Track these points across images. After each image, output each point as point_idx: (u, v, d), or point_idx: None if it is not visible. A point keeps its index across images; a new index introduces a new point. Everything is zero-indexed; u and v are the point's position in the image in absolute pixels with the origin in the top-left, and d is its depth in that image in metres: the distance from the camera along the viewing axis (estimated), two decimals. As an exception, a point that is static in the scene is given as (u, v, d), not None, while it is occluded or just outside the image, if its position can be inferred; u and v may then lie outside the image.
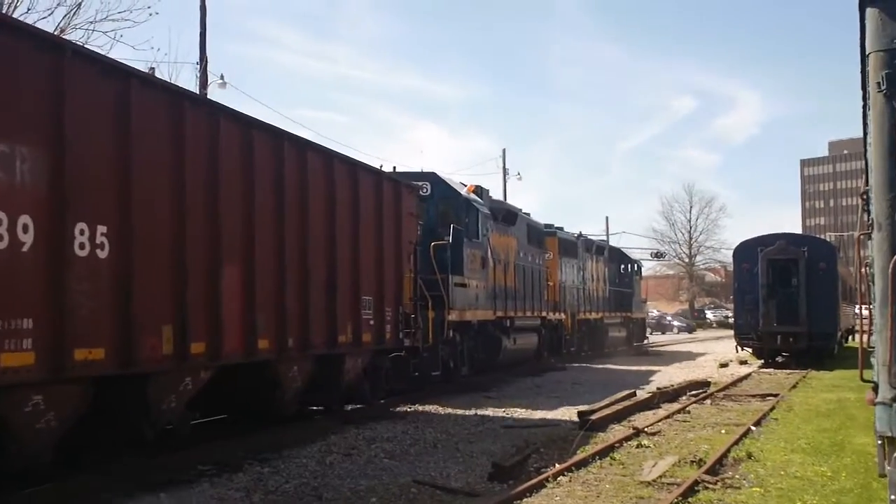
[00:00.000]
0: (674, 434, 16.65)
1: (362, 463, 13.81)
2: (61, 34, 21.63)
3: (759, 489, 11.84)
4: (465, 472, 13.10)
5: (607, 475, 12.64)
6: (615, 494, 11.52)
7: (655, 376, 31.50)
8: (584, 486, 12.01)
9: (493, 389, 24.54)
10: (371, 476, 12.82)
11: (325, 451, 14.58)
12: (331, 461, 13.84)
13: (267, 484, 12.13)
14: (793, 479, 12.55)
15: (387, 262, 18.45)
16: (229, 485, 11.95)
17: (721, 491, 11.72)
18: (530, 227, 32.44)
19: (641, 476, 12.44)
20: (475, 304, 24.85)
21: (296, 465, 13.46)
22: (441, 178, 24.52)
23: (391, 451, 14.83)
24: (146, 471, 12.01)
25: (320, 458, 13.97)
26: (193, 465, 12.79)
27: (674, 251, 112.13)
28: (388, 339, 18.56)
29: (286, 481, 12.34)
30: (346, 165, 16.97)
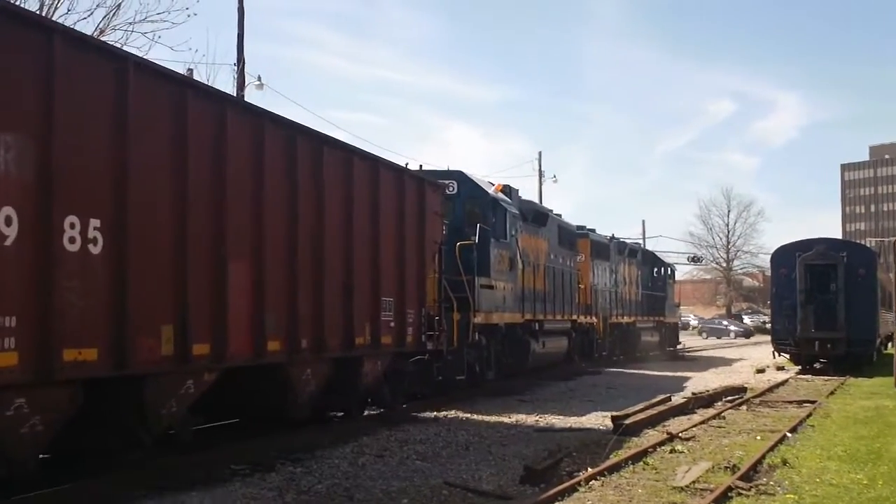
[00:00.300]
0: (708, 440, 16.45)
1: (394, 464, 13.78)
2: (100, 35, 21.68)
3: (794, 496, 11.67)
4: (496, 475, 13.03)
5: (640, 480, 12.48)
6: (648, 499, 11.38)
7: (690, 382, 31.06)
8: (617, 490, 11.86)
9: (526, 393, 23.96)
10: (403, 477, 12.79)
11: (358, 452, 14.58)
12: (363, 462, 13.82)
13: (299, 484, 12.10)
14: (828, 486, 12.34)
15: (409, 262, 17.78)
16: (262, 484, 11.93)
17: (755, 497, 11.53)
18: (561, 228, 31.70)
19: (675, 481, 12.27)
20: (502, 306, 24.14)
21: (328, 465, 13.40)
22: (468, 177, 23.83)
23: (423, 452, 14.80)
24: (179, 470, 11.99)
25: (352, 459, 13.94)
26: (227, 464, 12.77)
27: (711, 255, 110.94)
28: (410, 342, 17.90)
29: (318, 481, 12.31)
30: (365, 162, 16.33)
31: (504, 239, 24.33)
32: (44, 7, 21.45)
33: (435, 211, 19.25)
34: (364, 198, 16.05)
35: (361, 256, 15.87)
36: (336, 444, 14.96)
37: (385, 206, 16.74)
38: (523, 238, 26.73)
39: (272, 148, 13.26)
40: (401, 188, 17.52)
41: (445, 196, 22.42)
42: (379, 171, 16.60)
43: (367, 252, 16.16)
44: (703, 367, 40.23)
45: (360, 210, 15.86)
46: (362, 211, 15.95)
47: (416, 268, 18.26)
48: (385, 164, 17.16)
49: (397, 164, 17.76)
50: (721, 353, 55.27)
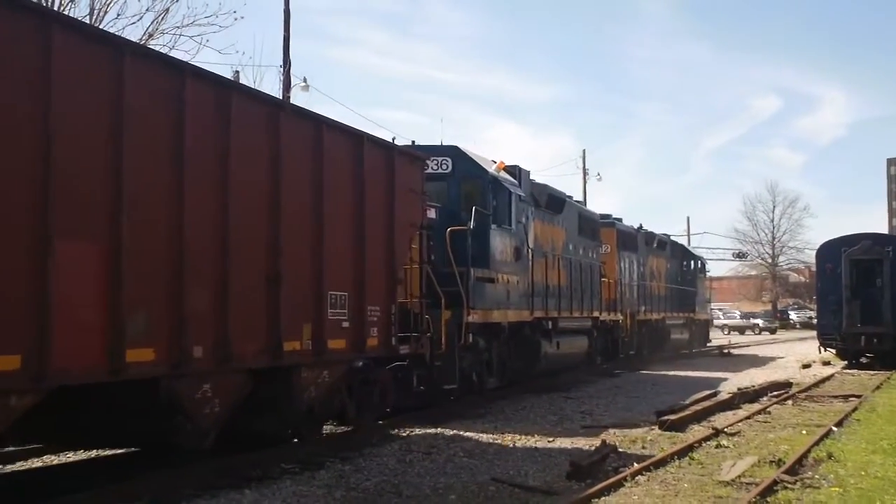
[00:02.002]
0: (754, 434, 16.13)
1: (441, 461, 13.36)
2: (149, 39, 21.63)
3: (839, 489, 11.43)
4: (543, 471, 12.70)
5: (686, 475, 12.29)
6: (693, 494, 11.18)
7: (735, 377, 29.18)
8: (662, 485, 11.66)
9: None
10: (450, 474, 12.48)
11: (406, 449, 14.14)
12: (410, 459, 13.39)
13: (348, 481, 11.78)
14: (873, 479, 12.06)
15: (372, 248, 13.94)
16: (311, 482, 11.61)
17: (800, 491, 11.33)
18: (582, 216, 27.65)
19: (720, 476, 12.05)
20: (506, 302, 20.18)
21: (376, 463, 13.00)
22: (464, 153, 19.93)
23: (470, 450, 14.35)
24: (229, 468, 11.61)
25: (400, 457, 13.51)
26: (277, 463, 12.32)
27: (756, 251, 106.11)
28: (374, 346, 14.06)
29: (367, 479, 11.98)
30: (302, 121, 12.52)
31: (507, 225, 20.38)
32: (94, 13, 21.29)
33: (411, 188, 15.39)
34: (300, 166, 12.29)
35: (296, 239, 12.10)
36: (384, 442, 14.58)
37: (334, 177, 12.94)
38: (536, 225, 22.84)
39: (141, 87, 9.53)
40: (358, 157, 13.69)
41: (439, 176, 19.11)
42: (323, 134, 12.76)
43: (306, 234, 12.41)
44: (748, 363, 37.65)
45: (294, 180, 12.09)
46: (298, 182, 12.20)
47: (384, 255, 14.44)
48: (333, 126, 13.30)
49: (353, 128, 13.88)
50: (767, 349, 51.64)
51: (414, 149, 17.95)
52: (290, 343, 11.90)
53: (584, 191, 68.68)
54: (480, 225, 19.03)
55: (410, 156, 15.64)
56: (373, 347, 14.03)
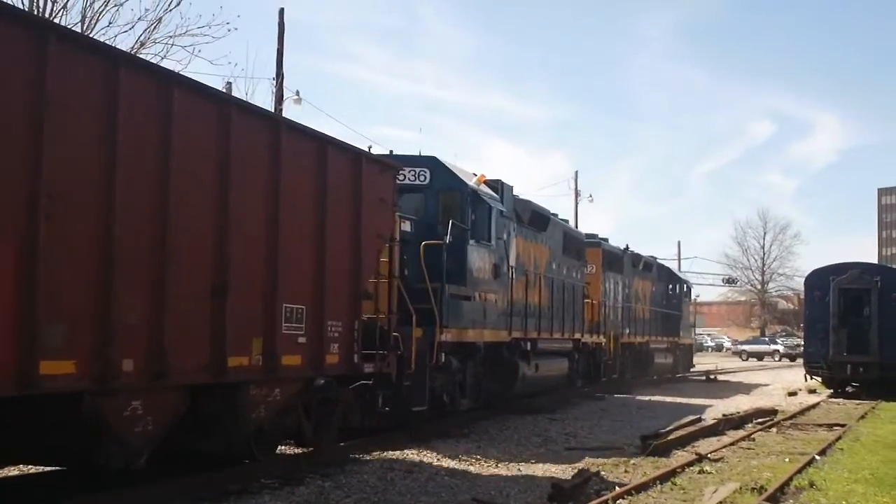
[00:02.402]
0: (737, 461, 15.97)
1: (423, 480, 13.14)
2: (141, 48, 21.57)
3: None
4: (524, 493, 12.50)
5: (667, 500, 12.26)
6: None
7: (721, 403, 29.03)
8: None
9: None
10: (431, 493, 12.29)
11: (387, 467, 13.90)
12: (392, 477, 13.16)
13: (328, 498, 11.55)
14: None
15: (334, 259, 12.95)
16: (291, 498, 11.37)
17: None
18: (567, 235, 26.63)
19: (702, 502, 11.99)
20: (482, 321, 19.16)
21: (357, 480, 12.73)
22: (443, 164, 18.94)
23: (452, 469, 14.20)
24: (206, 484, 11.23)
25: (381, 475, 13.27)
26: (257, 478, 12.04)
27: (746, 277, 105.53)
28: (334, 364, 13.04)
29: (347, 495, 11.73)
30: (257, 119, 11.57)
31: (486, 240, 19.40)
32: (85, 20, 20.96)
33: (381, 197, 14.40)
34: (254, 168, 11.33)
35: (247, 247, 11.13)
36: (367, 459, 14.43)
37: (292, 182, 11.96)
38: (517, 242, 21.87)
39: (71, 77, 8.57)
40: (321, 162, 12.71)
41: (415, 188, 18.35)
42: (281, 135, 11.78)
43: (259, 242, 11.42)
44: (734, 390, 37.29)
45: (247, 184, 11.12)
46: (250, 185, 11.23)
47: (348, 268, 13.46)
48: (293, 128, 12.35)
49: (316, 132, 12.92)
50: (753, 376, 51.00)
51: (387, 157, 17.04)
52: (237, 358, 10.90)
53: (576, 211, 68.10)
54: (457, 239, 18.06)
55: (381, 164, 14.68)
56: (332, 365, 13.03)
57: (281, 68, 29.99)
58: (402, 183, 18.12)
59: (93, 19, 21.16)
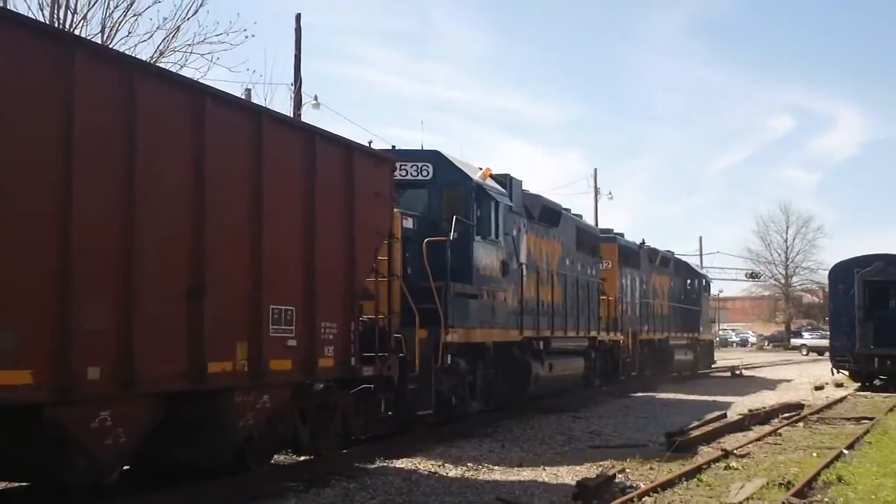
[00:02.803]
0: (763, 456, 15.69)
1: (447, 481, 13.07)
2: (160, 56, 21.66)
3: None
4: (549, 492, 12.36)
5: (693, 496, 12.02)
6: None
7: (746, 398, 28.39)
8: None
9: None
10: (456, 493, 12.14)
11: (413, 467, 13.87)
12: (416, 478, 13.07)
13: (353, 500, 11.50)
14: (883, 503, 11.68)
15: (326, 257, 12.26)
16: (317, 500, 11.37)
17: None
18: (580, 230, 25.82)
19: (728, 498, 11.78)
20: (491, 320, 18.41)
21: (382, 481, 12.64)
22: (446, 158, 18.21)
23: (477, 469, 14.06)
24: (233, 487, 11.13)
25: (406, 476, 13.19)
26: (283, 481, 12.04)
27: (769, 272, 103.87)
28: (328, 368, 12.34)
29: (372, 497, 11.69)
30: (235, 110, 10.88)
31: (493, 236, 18.64)
32: (104, 30, 21.02)
33: (377, 192, 13.68)
34: (234, 161, 10.66)
35: (227, 245, 10.46)
36: (392, 459, 14.27)
37: (277, 176, 11.26)
38: (527, 238, 21.12)
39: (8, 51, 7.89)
40: (308, 154, 12.00)
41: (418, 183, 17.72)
42: (263, 127, 11.07)
43: (241, 240, 10.75)
44: (760, 385, 36.39)
45: (226, 178, 10.46)
46: (230, 180, 10.56)
47: (342, 266, 12.76)
48: (278, 119, 11.70)
49: (302, 122, 12.33)
50: (779, 370, 49.94)
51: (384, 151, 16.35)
52: (219, 364, 10.20)
53: (596, 210, 67.45)
54: (462, 236, 17.36)
55: (376, 156, 13.96)
56: (327, 369, 12.32)
57: (298, 73, 29.79)
58: (405, 179, 17.48)
59: (112, 29, 21.33)
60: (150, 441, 9.82)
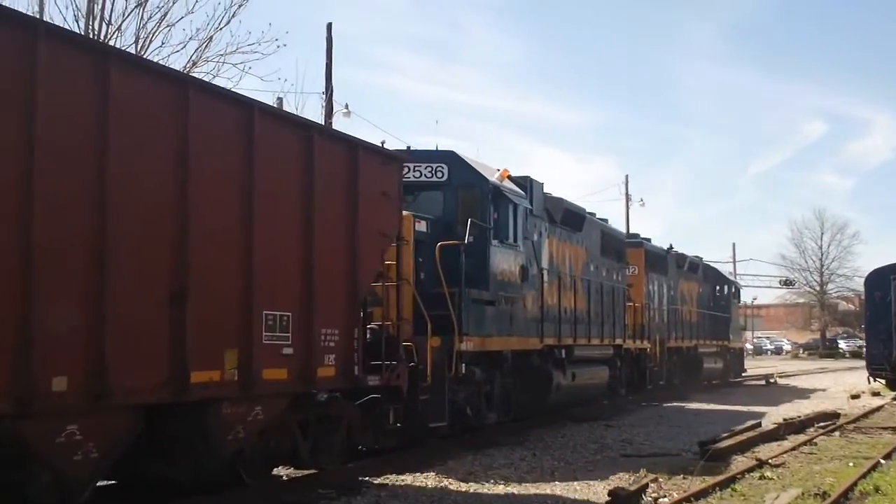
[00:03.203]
0: (798, 466, 15.43)
1: (479, 488, 12.92)
2: (193, 67, 21.80)
3: None
4: (581, 501, 12.42)
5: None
6: None
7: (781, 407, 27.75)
8: None
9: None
10: (487, 502, 12.21)
11: (443, 475, 13.74)
12: (447, 486, 12.98)
13: None
14: None
15: (326, 259, 11.55)
16: None
17: None
18: (605, 234, 24.98)
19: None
20: (509, 328, 17.63)
21: (414, 489, 12.63)
22: (462, 159, 17.45)
23: (508, 477, 13.88)
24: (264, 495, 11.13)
25: (437, 482, 13.17)
26: (314, 488, 11.94)
27: (804, 279, 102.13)
28: (330, 377, 11.63)
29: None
30: (223, 102, 10.17)
31: (511, 241, 17.86)
32: (138, 41, 21.32)
33: (384, 192, 12.95)
34: (222, 157, 9.98)
35: (215, 246, 9.79)
36: (422, 467, 14.06)
37: (270, 175, 10.56)
38: (549, 243, 20.34)
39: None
40: (306, 151, 11.28)
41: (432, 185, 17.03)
42: (254, 121, 10.36)
43: (230, 241, 10.07)
44: (794, 393, 35.47)
45: (212, 175, 9.79)
46: (217, 177, 9.89)
47: (344, 269, 12.04)
48: (270, 113, 11.00)
49: (300, 118, 11.59)
50: (814, 379, 48.72)
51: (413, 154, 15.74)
52: (204, 373, 9.50)
53: (627, 216, 67.03)
54: (479, 240, 16.61)
55: (382, 154, 13.23)
56: (327, 378, 11.60)
57: (330, 82, 29.86)
58: (418, 180, 16.82)
59: (146, 40, 21.51)
60: (131, 455, 9.14)
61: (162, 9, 21.43)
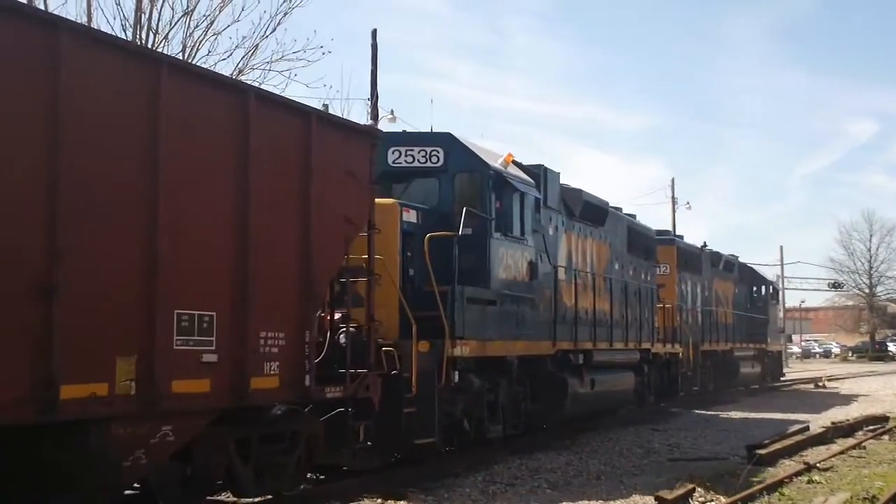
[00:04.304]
0: (847, 470, 14.98)
1: (524, 493, 12.53)
2: (239, 74, 21.29)
3: None
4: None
5: None
6: None
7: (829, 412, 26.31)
8: None
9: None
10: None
11: (489, 480, 13.29)
12: (493, 491, 12.55)
13: None
14: None
15: (267, 249, 9.45)
16: None
17: None
18: (632, 230, 22.59)
19: None
20: (514, 331, 15.32)
21: (458, 494, 12.20)
22: (460, 142, 15.22)
23: (554, 482, 13.45)
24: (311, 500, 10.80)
25: (483, 488, 12.69)
26: (359, 494, 11.41)
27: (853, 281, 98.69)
28: (272, 389, 9.51)
29: None
30: (117, 58, 8.01)
31: (516, 233, 15.59)
32: (185, 49, 20.94)
33: (350, 171, 10.79)
34: (113, 122, 7.85)
35: (101, 228, 7.66)
36: (467, 472, 13.59)
37: (185, 144, 8.47)
38: (567, 238, 18.13)
39: None
40: (238, 118, 9.14)
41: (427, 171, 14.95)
42: (161, 81, 8.20)
43: (126, 223, 7.93)
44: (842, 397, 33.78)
45: (100, 143, 7.65)
46: (108, 146, 7.75)
47: (293, 261, 9.95)
48: (183, 70, 8.95)
49: (230, 79, 9.52)
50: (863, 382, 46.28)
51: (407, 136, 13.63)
52: (82, 387, 7.39)
53: (674, 219, 64.41)
54: (478, 232, 14.43)
55: (346, 128, 11.07)
56: (266, 391, 9.44)
57: (375, 89, 28.96)
58: (411, 166, 14.78)
59: (193, 48, 21.20)
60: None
61: (208, 17, 21.04)
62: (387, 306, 12.68)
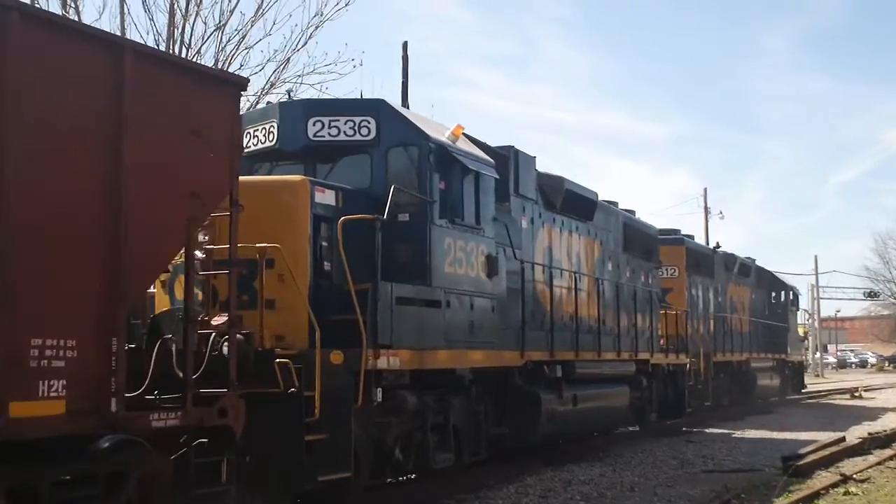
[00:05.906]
0: (885, 481, 14.21)
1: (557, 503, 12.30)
2: (272, 88, 21.46)
3: None
4: None
5: None
6: None
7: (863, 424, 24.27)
8: None
9: None
10: None
11: (522, 492, 12.81)
12: (526, 502, 12.22)
13: None
14: None
15: (45, 228, 6.58)
16: None
17: None
18: (629, 227, 19.53)
19: None
20: (466, 338, 12.18)
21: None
22: (394, 110, 12.33)
23: (588, 493, 12.98)
24: None
25: (516, 500, 12.34)
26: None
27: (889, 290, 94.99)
28: (56, 416, 6.56)
29: None
30: None
31: (468, 221, 12.48)
32: (218, 63, 20.86)
33: (195, 129, 7.82)
34: None
35: None
36: (500, 484, 13.06)
37: None
38: (544, 232, 15.27)
39: None
40: None
41: (357, 146, 12.11)
42: None
43: None
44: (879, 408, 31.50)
45: None
46: None
47: (94, 244, 6.98)
48: None
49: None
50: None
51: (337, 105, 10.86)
52: None
53: (707, 229, 62.06)
54: (416, 218, 11.51)
55: (188, 70, 8.13)
56: (42, 420, 6.49)
57: (406, 100, 27.89)
58: (336, 139, 12.00)
59: (225, 62, 21.10)
60: None
61: (240, 31, 21.14)
62: (293, 308, 9.84)
